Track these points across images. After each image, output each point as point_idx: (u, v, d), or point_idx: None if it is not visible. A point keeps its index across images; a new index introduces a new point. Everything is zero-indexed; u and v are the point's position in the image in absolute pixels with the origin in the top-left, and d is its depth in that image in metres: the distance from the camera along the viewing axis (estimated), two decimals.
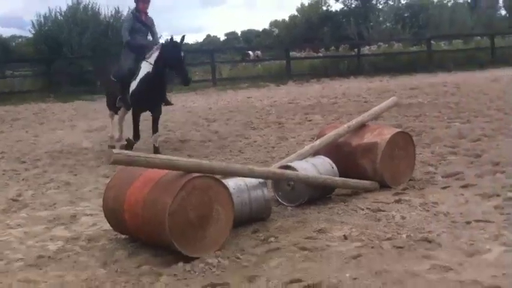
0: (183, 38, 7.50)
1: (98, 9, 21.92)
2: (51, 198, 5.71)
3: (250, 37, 49.17)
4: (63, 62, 20.02)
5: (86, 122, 12.08)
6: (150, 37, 8.35)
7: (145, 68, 7.54)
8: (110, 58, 11.83)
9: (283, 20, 41.39)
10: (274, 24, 44.33)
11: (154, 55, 7.46)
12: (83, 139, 9.61)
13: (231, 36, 55.81)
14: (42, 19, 21.36)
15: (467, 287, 3.00)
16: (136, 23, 8.00)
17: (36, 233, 4.54)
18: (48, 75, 19.71)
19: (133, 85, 7.62)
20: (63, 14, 21.44)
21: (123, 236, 4.26)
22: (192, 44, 38.32)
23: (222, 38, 56.77)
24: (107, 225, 4.40)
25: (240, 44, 47.14)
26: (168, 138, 9.30)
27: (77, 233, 4.49)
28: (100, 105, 15.79)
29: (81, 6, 21.70)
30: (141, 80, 7.52)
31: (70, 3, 21.68)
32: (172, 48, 7.30)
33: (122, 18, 8.96)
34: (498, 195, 4.73)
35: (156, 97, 7.75)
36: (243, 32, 54.09)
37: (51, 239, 4.38)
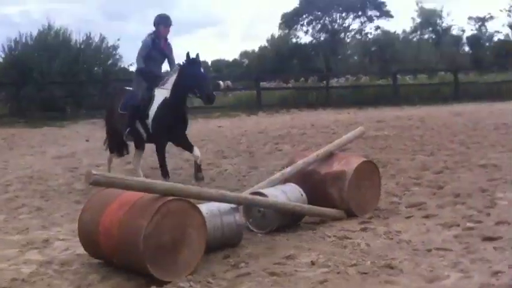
0: (197, 55, 6.80)
1: (69, 34, 21.87)
2: (24, 223, 5.73)
3: (220, 67, 49.59)
4: (33, 87, 19.89)
5: (55, 148, 12.05)
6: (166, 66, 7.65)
7: (161, 94, 6.89)
8: (113, 90, 10.36)
9: (253, 51, 42.03)
10: (245, 54, 44.92)
11: (172, 79, 6.82)
12: (53, 165, 9.62)
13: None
14: (12, 43, 21.19)
15: None
16: (153, 50, 7.26)
17: (10, 257, 4.56)
18: (17, 100, 19.57)
19: (152, 113, 6.92)
20: (33, 38, 21.33)
21: (96, 261, 4.32)
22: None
23: None
24: (79, 250, 4.48)
25: (211, 74, 47.45)
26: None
27: (50, 257, 4.52)
28: (69, 131, 15.81)
29: (52, 31, 21.63)
30: (160, 107, 6.85)
31: (41, 29, 21.67)
32: (192, 66, 6.63)
33: (142, 42, 7.36)
34: (458, 225, 4.97)
35: (179, 125, 6.97)
36: (213, 62, 54.51)
37: (25, 262, 4.41)
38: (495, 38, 36.57)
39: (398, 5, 57.23)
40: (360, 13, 38.31)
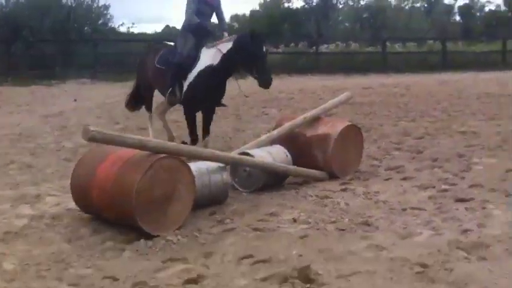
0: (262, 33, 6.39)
1: None
2: (14, 179, 5.87)
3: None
4: (23, 45, 19.75)
5: (43, 107, 12.11)
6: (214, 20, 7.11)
7: (208, 58, 6.33)
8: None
9: (244, 15, 41.64)
10: (235, 18, 44.50)
11: (225, 46, 6.21)
12: (42, 124, 9.72)
13: None
14: (3, 0, 21.04)
15: (397, 263, 3.40)
16: (200, 3, 6.61)
17: (2, 211, 4.71)
18: (6, 57, 19.43)
19: (190, 78, 6.42)
20: None
21: (87, 215, 4.49)
22: (151, 34, 38.07)
23: None
24: (70, 205, 4.65)
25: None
26: (127, 126, 9.47)
27: (41, 211, 4.69)
28: (57, 90, 15.82)
29: None
30: (200, 73, 6.32)
31: None
32: (254, 41, 5.99)
33: None
34: (433, 187, 5.21)
35: (215, 96, 6.54)
36: None
37: (17, 216, 4.57)
38: (486, 9, 36.59)
39: None
40: None
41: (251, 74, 6.12)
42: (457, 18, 37.64)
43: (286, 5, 38.33)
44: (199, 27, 6.50)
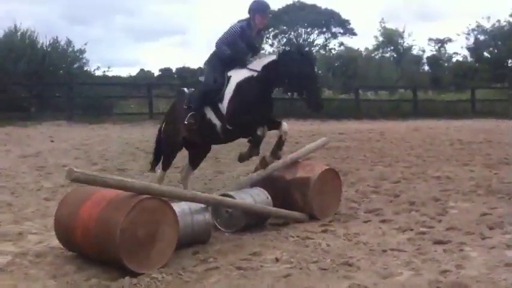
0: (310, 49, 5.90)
1: (36, 37, 21.95)
2: None
3: (185, 74, 49.48)
4: None
5: (20, 148, 12.02)
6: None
7: (244, 72, 5.69)
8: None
9: None
10: None
11: (263, 61, 5.65)
12: (19, 164, 9.65)
13: (166, 72, 55.85)
14: None
15: None
16: (239, 39, 5.89)
17: None
18: None
19: (229, 91, 5.67)
20: None
21: (70, 253, 4.50)
22: (125, 77, 38.30)
23: (157, 73, 56.79)
24: (54, 243, 4.66)
25: (175, 81, 47.39)
26: (105, 167, 9.47)
27: (25, 248, 4.67)
28: (33, 131, 15.73)
29: (19, 33, 21.60)
30: (242, 82, 5.62)
31: (7, 30, 21.62)
32: (304, 58, 5.41)
33: (230, 28, 5.97)
34: (412, 230, 5.34)
35: (263, 107, 5.72)
36: (178, 69, 54.34)
37: (0, 253, 4.54)
38: (453, 59, 37.88)
39: (362, 23, 58.75)
40: (324, 29, 39.09)
41: (299, 95, 5.55)
42: (426, 68, 38.80)
43: None
44: (229, 54, 5.89)
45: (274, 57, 5.63)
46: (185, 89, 29.29)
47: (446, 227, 5.38)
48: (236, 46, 5.87)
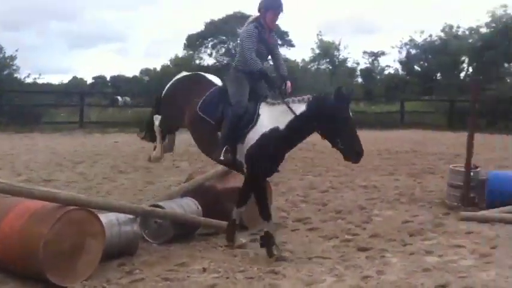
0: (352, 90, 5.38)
1: None
2: None
3: (119, 83, 48.71)
4: None
5: None
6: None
7: (271, 118, 4.98)
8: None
9: (155, 69, 41.80)
10: (145, 72, 44.57)
11: (296, 107, 4.92)
12: None
13: (99, 80, 54.72)
14: None
15: None
16: (258, 42, 5.26)
17: None
18: None
19: (252, 139, 4.99)
20: None
21: None
22: (57, 85, 37.27)
23: (90, 81, 55.62)
24: None
25: (108, 89, 46.57)
26: (30, 178, 9.16)
27: None
28: None
29: None
30: (264, 137, 4.94)
31: None
32: (338, 103, 4.79)
33: (242, 33, 5.30)
34: (337, 237, 5.51)
35: (276, 165, 5.29)
36: (112, 77, 53.43)
37: None
38: (386, 72, 39.08)
39: (300, 35, 59.77)
40: None
41: (333, 144, 4.92)
42: (359, 80, 39.85)
43: (197, 62, 39.04)
44: (260, 73, 5.22)
45: (303, 107, 4.91)
46: (119, 97, 28.85)
47: (370, 234, 5.58)
48: (257, 52, 5.24)
